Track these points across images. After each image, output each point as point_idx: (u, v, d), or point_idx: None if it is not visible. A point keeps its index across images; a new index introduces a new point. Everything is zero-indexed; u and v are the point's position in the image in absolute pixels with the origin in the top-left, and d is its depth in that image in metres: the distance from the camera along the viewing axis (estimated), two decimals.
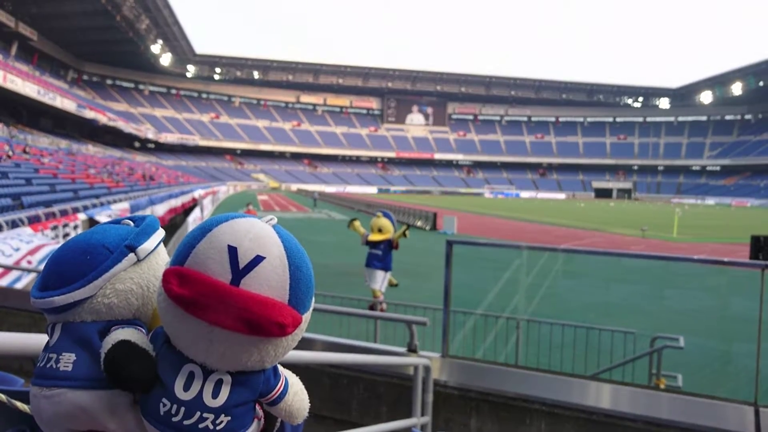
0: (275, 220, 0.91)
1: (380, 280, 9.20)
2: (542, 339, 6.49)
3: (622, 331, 6.31)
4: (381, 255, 9.27)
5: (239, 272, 0.83)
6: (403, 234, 9.40)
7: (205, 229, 0.87)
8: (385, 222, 9.36)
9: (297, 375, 1.01)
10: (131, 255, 0.94)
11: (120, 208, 19.59)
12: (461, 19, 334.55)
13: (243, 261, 0.83)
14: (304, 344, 3.82)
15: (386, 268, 9.28)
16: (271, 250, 0.85)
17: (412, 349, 3.77)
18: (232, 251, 0.83)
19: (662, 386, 5.38)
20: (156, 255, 1.00)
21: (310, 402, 1.01)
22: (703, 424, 3.05)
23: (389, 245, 9.31)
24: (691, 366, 7.22)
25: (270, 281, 0.84)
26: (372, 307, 8.63)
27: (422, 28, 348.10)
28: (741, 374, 6.99)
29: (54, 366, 0.89)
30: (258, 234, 0.86)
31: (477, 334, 6.84)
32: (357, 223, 9.87)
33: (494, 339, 6.98)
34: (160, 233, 1.02)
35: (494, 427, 3.50)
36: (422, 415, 3.33)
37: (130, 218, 1.03)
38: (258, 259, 0.84)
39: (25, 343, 1.18)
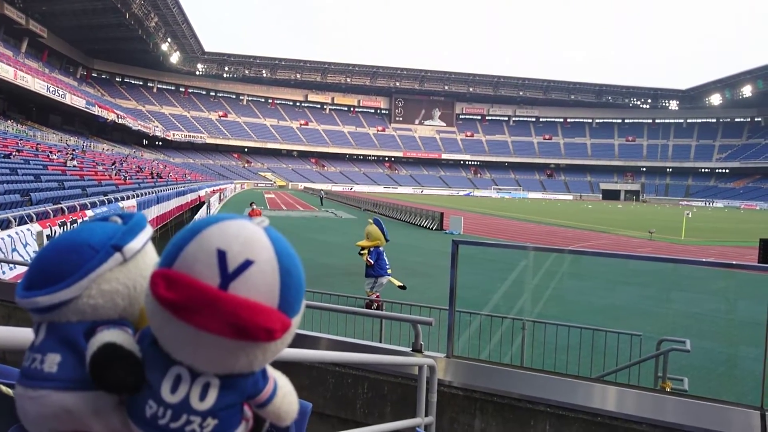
0: (267, 222, 0.89)
1: (370, 284, 9.40)
2: (548, 340, 6.46)
3: (628, 333, 6.27)
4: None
5: (228, 276, 0.81)
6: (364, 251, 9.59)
7: (194, 231, 0.84)
8: (372, 229, 9.57)
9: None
10: (117, 255, 0.91)
11: (127, 205, 19.68)
12: (470, 19, 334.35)
13: (232, 265, 0.81)
14: (309, 343, 3.82)
15: (376, 274, 9.42)
16: (260, 255, 0.83)
17: (417, 349, 3.76)
18: (221, 255, 0.81)
19: (668, 389, 5.35)
20: (143, 254, 0.96)
21: (314, 400, 1.02)
22: (709, 427, 3.03)
23: (377, 253, 9.48)
24: (698, 369, 7.19)
25: (259, 286, 0.82)
26: (368, 305, 8.73)
27: (431, 28, 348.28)
28: (747, 378, 6.96)
29: (39, 367, 0.87)
30: (248, 238, 0.83)
31: (482, 334, 6.83)
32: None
33: (500, 340, 6.97)
34: (148, 231, 0.99)
35: (498, 428, 3.49)
36: (426, 415, 3.33)
37: (119, 215, 1.01)
38: (247, 264, 0.82)
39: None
